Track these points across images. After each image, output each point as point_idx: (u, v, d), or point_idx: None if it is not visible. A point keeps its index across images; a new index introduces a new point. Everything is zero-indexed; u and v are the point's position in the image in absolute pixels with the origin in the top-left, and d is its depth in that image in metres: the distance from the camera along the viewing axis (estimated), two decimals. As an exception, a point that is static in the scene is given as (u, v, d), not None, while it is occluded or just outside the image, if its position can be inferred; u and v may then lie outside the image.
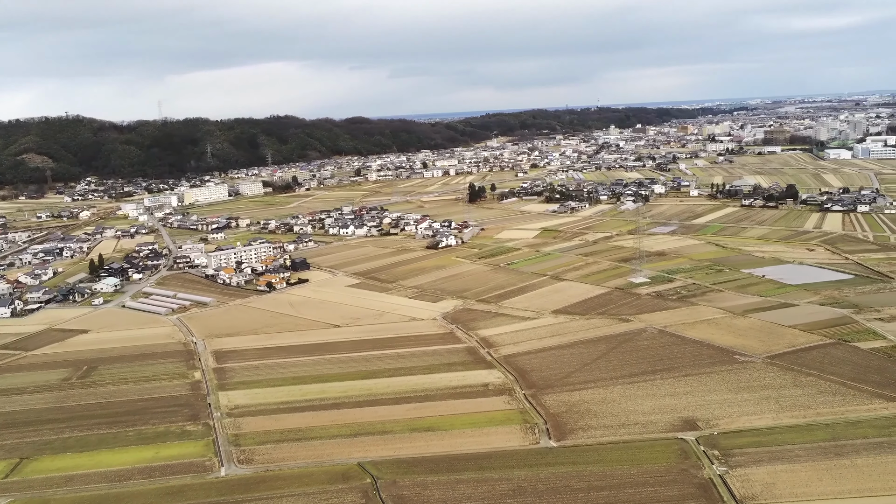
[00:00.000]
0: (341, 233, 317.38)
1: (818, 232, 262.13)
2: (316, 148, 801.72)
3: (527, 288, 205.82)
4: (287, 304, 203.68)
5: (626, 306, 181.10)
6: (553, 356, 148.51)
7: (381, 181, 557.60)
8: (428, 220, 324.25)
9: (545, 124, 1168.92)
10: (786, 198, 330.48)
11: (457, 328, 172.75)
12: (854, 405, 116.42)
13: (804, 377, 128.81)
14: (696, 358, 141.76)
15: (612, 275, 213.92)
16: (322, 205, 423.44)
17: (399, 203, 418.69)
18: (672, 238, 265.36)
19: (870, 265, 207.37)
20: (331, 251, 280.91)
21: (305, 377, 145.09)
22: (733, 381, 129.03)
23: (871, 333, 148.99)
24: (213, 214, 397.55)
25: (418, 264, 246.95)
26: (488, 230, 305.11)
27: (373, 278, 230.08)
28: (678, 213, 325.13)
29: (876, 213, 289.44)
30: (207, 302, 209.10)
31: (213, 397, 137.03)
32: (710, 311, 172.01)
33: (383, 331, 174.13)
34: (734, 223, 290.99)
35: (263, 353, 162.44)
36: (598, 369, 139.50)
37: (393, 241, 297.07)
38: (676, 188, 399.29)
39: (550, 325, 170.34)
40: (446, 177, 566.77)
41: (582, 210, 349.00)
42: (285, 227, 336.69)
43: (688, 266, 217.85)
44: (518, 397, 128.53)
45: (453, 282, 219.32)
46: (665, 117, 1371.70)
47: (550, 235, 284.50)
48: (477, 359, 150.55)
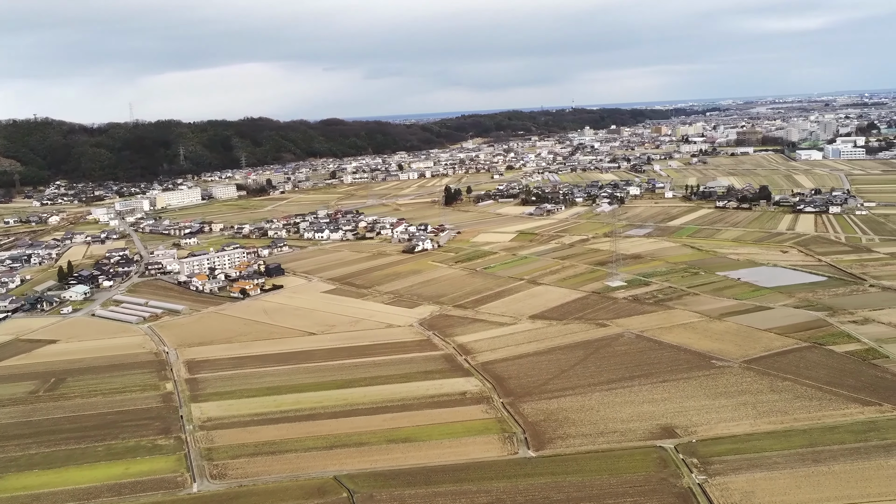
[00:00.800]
0: (316, 237, 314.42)
1: (791, 234, 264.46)
2: (290, 150, 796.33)
3: (503, 293, 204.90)
4: (261, 312, 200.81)
5: (603, 311, 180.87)
6: (531, 363, 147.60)
7: (357, 184, 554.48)
8: (404, 224, 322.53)
9: (520, 125, 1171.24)
10: (759, 199, 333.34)
11: (434, 335, 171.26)
12: (830, 410, 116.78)
13: (780, 382, 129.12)
14: (674, 363, 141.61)
15: (588, 278, 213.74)
16: (297, 208, 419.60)
17: (375, 206, 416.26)
18: (648, 241, 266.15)
19: (842, 267, 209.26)
20: (306, 256, 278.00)
21: (280, 387, 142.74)
22: (711, 387, 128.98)
23: (845, 336, 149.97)
24: (185, 219, 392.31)
25: (394, 269, 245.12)
26: (464, 233, 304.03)
27: (349, 284, 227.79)
28: (653, 214, 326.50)
29: (847, 215, 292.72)
30: (180, 310, 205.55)
31: (186, 409, 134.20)
32: (686, 314, 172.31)
33: (359, 338, 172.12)
34: (709, 225, 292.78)
35: (237, 362, 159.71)
36: (575, 376, 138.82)
37: (369, 245, 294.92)
38: (651, 190, 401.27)
39: (528, 330, 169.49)
40: (422, 179, 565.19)
41: (558, 212, 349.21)
42: (259, 232, 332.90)
43: (664, 269, 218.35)
44: (496, 406, 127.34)
45: (430, 287, 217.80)
46: (639, 118, 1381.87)
47: (527, 239, 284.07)
48: (454, 366, 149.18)
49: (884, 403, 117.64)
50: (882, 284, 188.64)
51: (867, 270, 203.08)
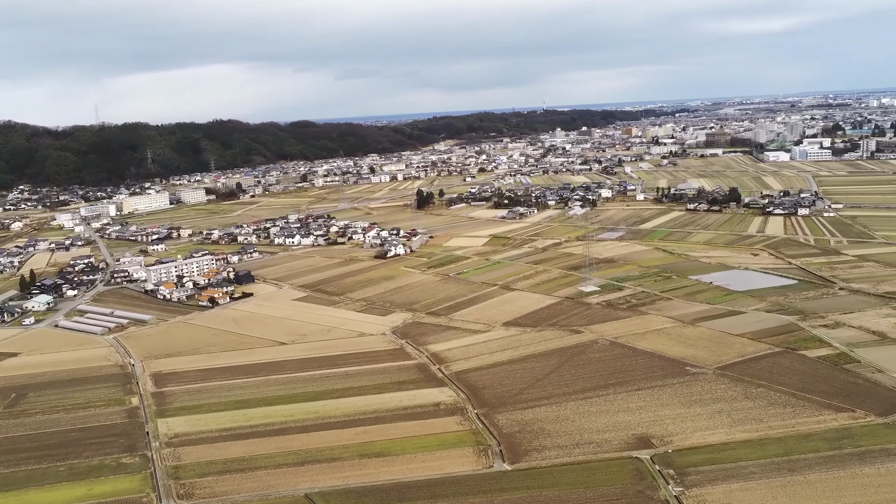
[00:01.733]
0: (287, 242, 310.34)
1: (762, 236, 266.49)
2: (261, 153, 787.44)
3: (477, 299, 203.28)
4: (230, 321, 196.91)
5: (577, 317, 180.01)
6: (505, 371, 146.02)
7: (328, 187, 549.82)
8: (376, 228, 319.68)
9: (492, 127, 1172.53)
10: (729, 201, 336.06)
11: (407, 343, 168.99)
12: (804, 417, 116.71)
13: (754, 388, 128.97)
14: (649, 370, 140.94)
15: (562, 283, 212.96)
16: (267, 212, 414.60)
17: (346, 210, 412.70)
18: (620, 244, 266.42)
19: (812, 270, 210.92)
20: (276, 262, 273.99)
21: (250, 400, 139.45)
22: (686, 395, 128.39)
23: (816, 341, 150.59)
24: (153, 224, 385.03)
25: (366, 275, 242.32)
26: (437, 238, 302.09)
27: (320, 291, 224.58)
28: (625, 217, 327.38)
29: (815, 217, 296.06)
30: (146, 320, 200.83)
31: (152, 425, 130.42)
32: (659, 320, 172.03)
33: (331, 348, 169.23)
34: (680, 228, 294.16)
35: (205, 374, 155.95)
36: (550, 385, 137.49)
37: (340, 250, 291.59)
38: (623, 192, 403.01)
39: (502, 338, 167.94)
40: (394, 182, 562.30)
41: (530, 216, 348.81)
42: (229, 238, 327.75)
43: (636, 273, 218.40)
44: (470, 417, 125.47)
45: (402, 293, 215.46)
46: (609, 119, 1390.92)
47: (500, 243, 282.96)
48: (428, 376, 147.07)
49: (856, 409, 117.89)
50: (851, 287, 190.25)
51: (836, 273, 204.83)
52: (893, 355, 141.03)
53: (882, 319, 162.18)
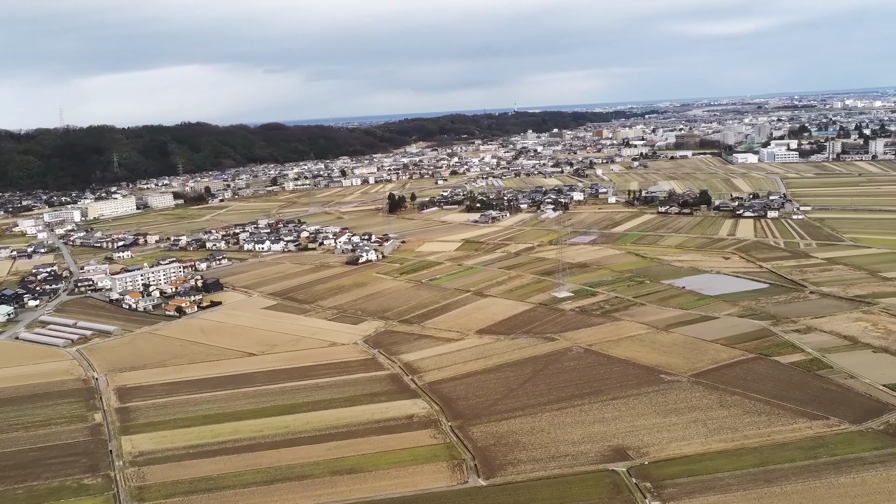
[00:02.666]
0: (257, 248, 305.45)
1: (732, 239, 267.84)
2: (230, 156, 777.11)
3: (450, 306, 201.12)
4: (198, 331, 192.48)
5: (551, 323, 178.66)
6: (479, 382, 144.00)
7: (299, 191, 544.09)
8: (347, 234, 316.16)
9: (464, 129, 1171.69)
10: (699, 204, 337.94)
11: (379, 353, 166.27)
12: (779, 425, 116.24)
13: (729, 396, 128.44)
14: (623, 379, 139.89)
15: (535, 289, 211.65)
16: (236, 217, 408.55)
17: (317, 214, 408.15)
18: (593, 248, 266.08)
19: (783, 273, 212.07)
20: (246, 269, 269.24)
21: (217, 415, 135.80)
22: (661, 404, 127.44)
23: (789, 346, 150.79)
24: (119, 230, 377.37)
25: (338, 282, 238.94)
26: (409, 243, 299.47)
27: (290, 299, 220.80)
28: (597, 220, 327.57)
29: (785, 219, 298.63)
30: (111, 331, 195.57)
31: (115, 443, 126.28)
32: (633, 326, 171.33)
33: (301, 358, 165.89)
34: (652, 231, 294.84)
35: (172, 388, 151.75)
36: (525, 395, 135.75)
37: (311, 256, 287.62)
38: (595, 195, 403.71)
39: (475, 346, 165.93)
40: (365, 185, 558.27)
41: (503, 219, 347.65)
42: (197, 244, 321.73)
43: (609, 278, 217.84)
44: (444, 430, 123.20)
45: (374, 301, 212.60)
46: (580, 120, 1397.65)
47: (472, 248, 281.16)
48: (401, 387, 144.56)
49: (830, 417, 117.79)
50: (822, 291, 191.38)
51: (807, 277, 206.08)
52: (864, 360, 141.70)
53: (853, 324, 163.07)
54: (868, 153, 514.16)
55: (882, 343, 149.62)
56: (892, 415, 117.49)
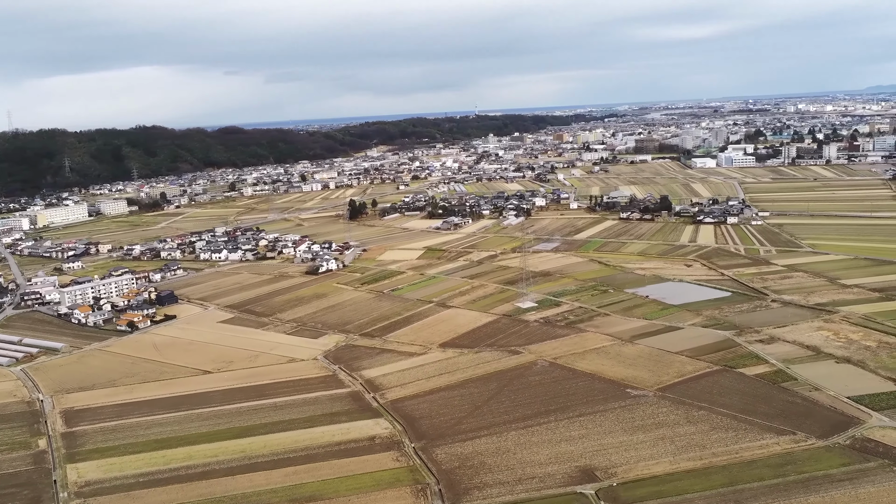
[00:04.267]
0: (214, 258, 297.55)
1: (694, 246, 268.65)
2: (187, 160, 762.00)
3: (412, 318, 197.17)
4: (151, 347, 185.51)
5: (515, 336, 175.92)
6: (443, 399, 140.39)
7: (258, 196, 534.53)
8: (307, 242, 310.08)
9: (425, 132, 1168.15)
10: (660, 210, 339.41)
11: (339, 369, 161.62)
12: (747, 441, 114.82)
13: (696, 411, 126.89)
14: (589, 394, 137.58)
15: (499, 299, 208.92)
16: (193, 224, 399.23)
17: (276, 221, 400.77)
18: (556, 256, 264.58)
19: (744, 281, 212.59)
20: (202, 280, 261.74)
21: (170, 439, 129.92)
22: (628, 420, 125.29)
23: (754, 357, 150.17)
24: (70, 239, 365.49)
25: (297, 293, 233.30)
26: (371, 251, 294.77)
27: (248, 311, 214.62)
28: (560, 227, 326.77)
29: (744, 225, 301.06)
30: (59, 348, 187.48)
31: (60, 472, 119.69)
32: (598, 338, 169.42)
33: (259, 376, 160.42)
34: (614, 238, 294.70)
35: (122, 410, 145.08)
36: (490, 413, 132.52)
37: (270, 265, 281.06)
38: (556, 200, 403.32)
39: (439, 361, 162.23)
40: (326, 190, 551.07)
41: (465, 226, 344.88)
42: (151, 253, 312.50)
43: (573, 287, 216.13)
44: (407, 452, 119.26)
45: (335, 313, 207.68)
46: (541, 124, 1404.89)
47: (434, 256, 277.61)
48: (362, 406, 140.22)
49: (797, 432, 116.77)
50: (783, 299, 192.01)
51: (768, 284, 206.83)
52: (828, 371, 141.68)
53: (815, 333, 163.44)
54: (822, 158, 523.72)
55: (844, 353, 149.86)
56: (858, 429, 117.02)
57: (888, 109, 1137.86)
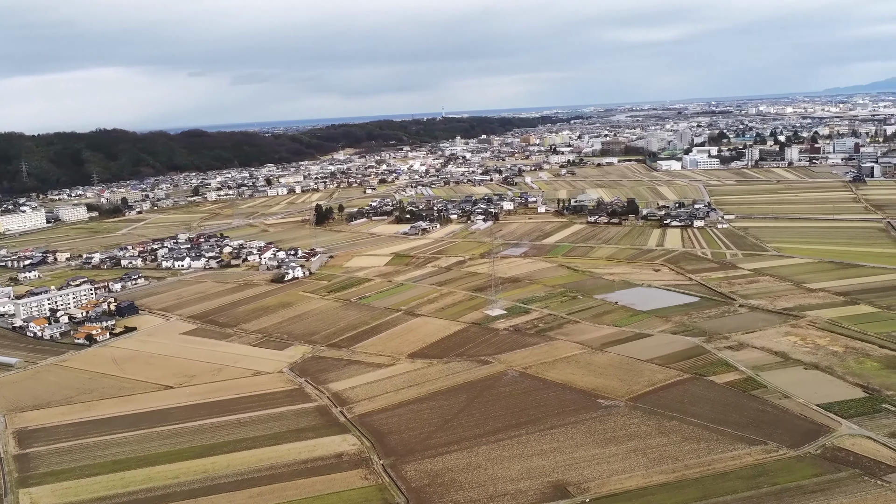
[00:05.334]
0: (176, 266, 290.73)
1: (661, 250, 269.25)
2: (150, 164, 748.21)
3: (380, 327, 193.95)
4: (110, 362, 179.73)
5: (485, 345, 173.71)
6: (412, 412, 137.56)
7: (222, 201, 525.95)
8: (273, 249, 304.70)
9: (392, 135, 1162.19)
10: (628, 213, 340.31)
11: (306, 382, 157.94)
12: (719, 453, 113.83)
13: (667, 422, 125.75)
14: (560, 405, 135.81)
15: (468, 307, 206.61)
16: (155, 231, 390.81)
17: (241, 227, 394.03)
18: (524, 261, 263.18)
19: (712, 286, 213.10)
20: (164, 289, 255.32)
21: (129, 460, 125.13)
22: (599, 432, 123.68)
23: (723, 365, 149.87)
24: (26, 247, 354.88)
25: (262, 302, 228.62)
26: (337, 257, 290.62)
27: (211, 322, 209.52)
28: (528, 231, 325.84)
29: (710, 228, 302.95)
30: (13, 363, 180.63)
31: (12, 497, 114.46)
32: (568, 346, 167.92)
33: (222, 390, 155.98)
34: (582, 242, 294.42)
35: (79, 429, 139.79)
36: (460, 426, 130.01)
37: (234, 274, 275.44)
38: (524, 204, 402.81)
39: (407, 372, 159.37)
40: (292, 195, 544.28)
41: (433, 231, 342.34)
42: (112, 261, 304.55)
43: (542, 294, 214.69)
44: (376, 469, 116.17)
45: (301, 323, 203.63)
46: (508, 126, 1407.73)
47: (402, 262, 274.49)
48: (329, 421, 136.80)
49: (768, 442, 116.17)
50: (750, 304, 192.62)
51: (735, 289, 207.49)
52: (797, 378, 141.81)
53: (783, 338, 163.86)
54: (784, 160, 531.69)
55: (812, 359, 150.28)
56: (828, 437, 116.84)
57: (846, 111, 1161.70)
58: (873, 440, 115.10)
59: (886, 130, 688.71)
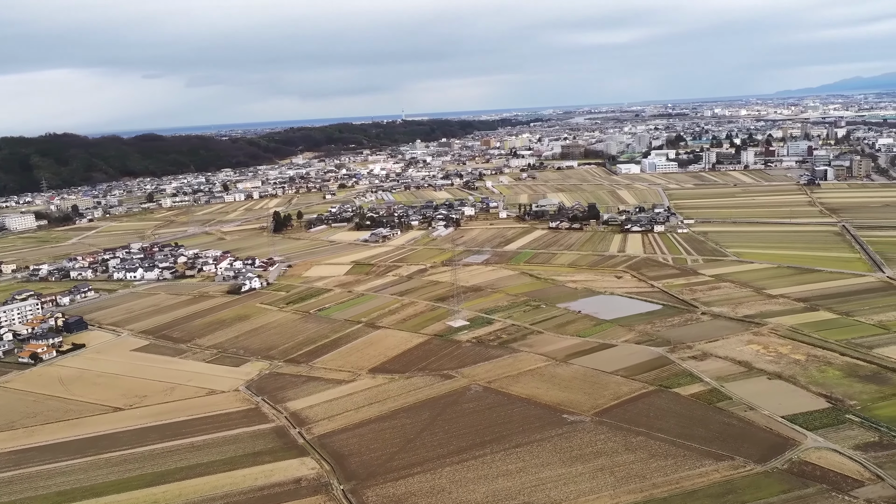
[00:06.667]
0: (128, 277, 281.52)
1: (623, 256, 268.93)
2: (102, 170, 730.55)
3: (340, 340, 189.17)
4: (56, 382, 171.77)
5: (447, 358, 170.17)
6: (373, 432, 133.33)
7: (177, 208, 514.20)
8: (229, 258, 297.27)
9: (352, 138, 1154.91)
10: (589, 218, 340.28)
11: (263, 401, 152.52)
12: (686, 470, 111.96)
13: (634, 437, 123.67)
14: (525, 421, 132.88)
15: (430, 318, 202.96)
16: (107, 240, 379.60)
17: (197, 235, 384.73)
18: (486, 269, 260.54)
19: (674, 293, 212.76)
20: (115, 302, 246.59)
21: (75, 490, 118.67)
22: (566, 450, 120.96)
23: (688, 376, 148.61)
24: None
25: (218, 315, 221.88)
26: (296, 267, 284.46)
27: (164, 337, 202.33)
28: (490, 238, 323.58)
29: (671, 233, 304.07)
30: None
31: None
32: (532, 358, 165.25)
33: (175, 412, 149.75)
34: (544, 248, 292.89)
35: (20, 457, 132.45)
36: (423, 446, 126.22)
37: (189, 285, 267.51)
38: (486, 209, 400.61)
39: (368, 388, 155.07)
40: (249, 201, 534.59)
41: (394, 238, 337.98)
42: (60, 273, 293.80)
43: (505, 303, 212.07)
44: (336, 495, 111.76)
45: (258, 336, 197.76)
46: (468, 129, 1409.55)
47: (363, 271, 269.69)
48: (287, 443, 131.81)
49: (735, 457, 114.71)
50: (712, 311, 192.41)
51: (697, 296, 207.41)
52: (761, 388, 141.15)
53: (745, 347, 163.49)
54: (741, 163, 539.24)
55: (775, 368, 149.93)
56: (794, 451, 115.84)
57: (797, 114, 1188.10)
58: (839, 453, 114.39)
59: (837, 133, 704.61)
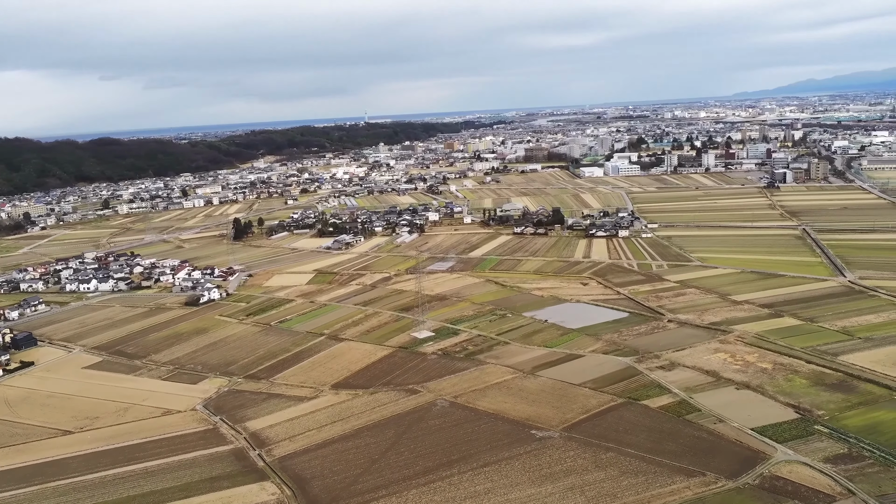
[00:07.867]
0: (82, 289, 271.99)
1: (588, 262, 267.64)
2: (56, 175, 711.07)
3: (302, 354, 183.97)
4: (2, 404, 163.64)
5: (413, 371, 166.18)
6: (336, 453, 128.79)
7: (134, 214, 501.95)
8: (187, 268, 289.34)
9: (314, 141, 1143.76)
10: (553, 223, 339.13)
11: (221, 420, 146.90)
12: (657, 487, 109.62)
13: (604, 453, 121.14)
14: (493, 438, 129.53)
15: (394, 329, 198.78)
16: (60, 249, 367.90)
17: (154, 244, 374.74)
18: (451, 277, 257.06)
19: (640, 300, 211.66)
20: (67, 316, 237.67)
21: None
22: (535, 468, 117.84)
23: (656, 387, 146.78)
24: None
25: (175, 328, 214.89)
26: (257, 276, 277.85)
27: (118, 353, 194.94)
28: (454, 244, 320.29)
29: (635, 238, 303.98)
30: None
31: None
32: (499, 371, 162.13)
33: (128, 434, 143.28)
34: (509, 255, 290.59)
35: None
36: (388, 467, 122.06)
37: (145, 297, 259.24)
38: (450, 214, 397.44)
39: (331, 405, 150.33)
40: (209, 207, 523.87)
41: (357, 245, 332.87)
42: (9, 286, 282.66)
43: (471, 312, 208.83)
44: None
45: (217, 351, 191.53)
46: (431, 131, 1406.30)
47: (325, 280, 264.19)
48: (246, 467, 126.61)
49: (707, 472, 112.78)
50: (679, 319, 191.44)
51: (663, 303, 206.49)
52: (729, 399, 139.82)
53: (712, 356, 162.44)
54: (702, 166, 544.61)
55: (743, 378, 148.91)
56: (765, 465, 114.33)
57: (755, 116, 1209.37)
58: (810, 466, 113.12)
59: (794, 135, 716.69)
